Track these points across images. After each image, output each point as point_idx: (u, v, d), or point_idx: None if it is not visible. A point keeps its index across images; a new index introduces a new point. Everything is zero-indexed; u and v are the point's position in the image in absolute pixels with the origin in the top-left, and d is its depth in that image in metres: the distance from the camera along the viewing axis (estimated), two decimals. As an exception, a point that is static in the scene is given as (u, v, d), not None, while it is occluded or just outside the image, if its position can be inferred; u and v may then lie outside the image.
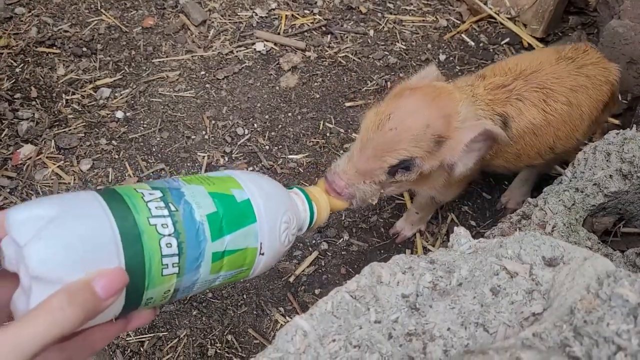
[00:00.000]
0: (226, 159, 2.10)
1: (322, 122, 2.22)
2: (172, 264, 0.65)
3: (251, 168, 2.07)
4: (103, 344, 0.67)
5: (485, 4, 2.62)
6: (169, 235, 0.64)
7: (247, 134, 2.18)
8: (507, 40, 2.53)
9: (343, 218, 1.95)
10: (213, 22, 2.57)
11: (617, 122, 2.17)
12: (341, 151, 2.12)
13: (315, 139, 2.16)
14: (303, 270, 1.81)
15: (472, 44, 2.52)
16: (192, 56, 2.43)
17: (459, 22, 2.63)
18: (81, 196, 0.63)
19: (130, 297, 0.62)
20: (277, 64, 2.42)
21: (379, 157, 1.25)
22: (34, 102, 2.25)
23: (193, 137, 2.16)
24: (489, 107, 1.40)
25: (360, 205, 1.30)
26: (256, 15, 2.61)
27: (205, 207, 0.70)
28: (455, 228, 0.89)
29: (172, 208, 0.67)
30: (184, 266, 0.66)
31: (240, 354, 1.65)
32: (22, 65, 2.37)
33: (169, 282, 0.65)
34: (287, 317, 1.72)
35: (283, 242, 0.81)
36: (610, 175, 1.25)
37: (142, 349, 1.65)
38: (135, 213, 0.63)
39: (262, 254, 0.77)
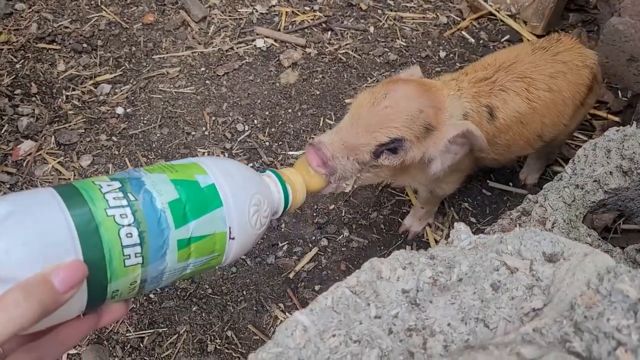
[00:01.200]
0: (226, 155, 2.10)
1: (322, 119, 2.22)
2: (134, 254, 0.64)
3: (251, 164, 2.07)
4: (75, 341, 0.66)
5: (486, 1, 2.62)
6: (129, 225, 0.63)
7: (247, 130, 2.18)
8: (507, 37, 2.52)
9: (343, 214, 1.95)
10: (213, 18, 2.57)
11: (617, 119, 2.17)
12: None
13: (315, 135, 2.16)
14: (303, 267, 1.81)
15: (473, 41, 2.52)
16: (192, 52, 2.43)
17: (459, 19, 2.62)
18: (36, 193, 0.62)
19: (93, 290, 0.61)
20: (277, 61, 2.41)
21: (370, 132, 1.24)
22: (34, 98, 2.24)
23: (193, 133, 2.16)
24: (475, 100, 1.42)
25: (335, 189, 1.28)
26: (256, 11, 2.60)
27: (166, 194, 0.69)
28: (455, 224, 0.89)
29: (131, 198, 0.66)
30: (148, 255, 0.65)
31: (240, 349, 1.65)
32: (22, 61, 2.37)
33: (134, 272, 0.64)
34: (287, 313, 1.72)
35: (254, 225, 0.80)
36: (611, 172, 1.25)
37: (141, 345, 1.65)
38: (91, 205, 0.62)
39: (233, 239, 0.76)
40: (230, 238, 0.76)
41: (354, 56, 2.44)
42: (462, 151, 1.37)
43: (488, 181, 2.04)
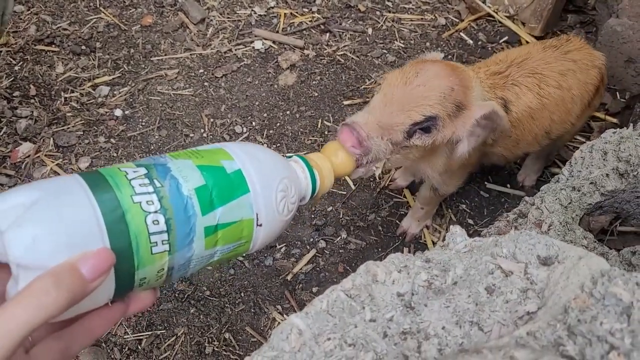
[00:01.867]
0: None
1: (320, 121, 2.22)
2: (161, 242, 0.63)
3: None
4: (103, 330, 0.66)
5: (484, 2, 2.62)
6: (155, 212, 0.62)
7: (246, 132, 2.18)
8: (505, 38, 2.53)
9: (341, 216, 1.95)
10: (212, 20, 2.57)
11: (615, 120, 2.17)
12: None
13: (313, 137, 2.16)
14: (301, 269, 1.82)
15: (471, 42, 2.52)
16: (190, 54, 2.43)
17: (457, 20, 2.63)
18: (62, 180, 0.61)
19: (120, 278, 0.60)
20: (275, 62, 2.42)
21: (405, 111, 1.24)
22: (32, 100, 2.25)
23: (191, 135, 2.17)
24: (492, 91, 1.43)
25: (365, 173, 1.26)
26: (255, 13, 2.61)
27: (193, 180, 0.68)
28: (451, 227, 0.89)
29: (158, 184, 0.65)
30: (175, 243, 0.65)
31: (237, 352, 1.65)
32: (21, 63, 2.37)
33: (161, 260, 0.64)
34: (284, 315, 1.72)
35: (282, 212, 0.79)
36: (607, 174, 1.25)
37: (139, 347, 1.65)
38: (117, 192, 0.61)
39: (260, 225, 0.75)
40: (257, 225, 0.75)
41: (352, 58, 2.44)
42: (484, 134, 1.37)
43: (486, 183, 2.04)
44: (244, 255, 1.84)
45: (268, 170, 0.78)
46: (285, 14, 2.61)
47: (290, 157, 0.93)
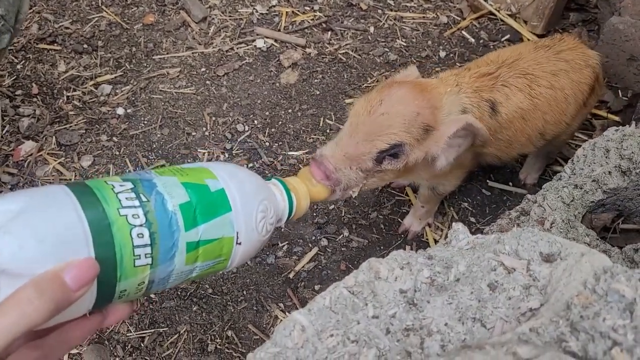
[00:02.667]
0: (226, 155, 2.10)
1: (322, 119, 2.22)
2: (144, 255, 0.64)
3: (251, 164, 2.07)
4: (80, 340, 0.66)
5: (486, 0, 2.62)
6: (140, 225, 0.63)
7: (248, 131, 2.18)
8: (507, 36, 2.52)
9: (343, 214, 1.95)
10: (214, 18, 2.58)
11: (617, 118, 2.17)
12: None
13: (315, 135, 2.17)
14: (303, 267, 1.82)
15: (473, 40, 2.52)
16: (192, 53, 2.43)
17: (459, 18, 2.63)
18: (49, 189, 0.62)
19: (102, 289, 0.61)
20: (277, 61, 2.42)
21: (370, 140, 1.26)
22: (35, 99, 2.25)
23: (193, 133, 2.17)
24: (476, 94, 1.43)
25: (340, 197, 1.29)
26: (256, 11, 2.61)
27: (177, 197, 0.69)
28: (453, 224, 0.89)
29: (144, 199, 0.66)
30: (158, 257, 0.65)
31: (240, 349, 1.65)
32: (23, 61, 2.37)
33: (143, 273, 0.65)
34: (287, 313, 1.72)
35: (260, 231, 0.81)
36: (609, 172, 1.25)
37: (142, 345, 1.66)
38: (104, 204, 0.62)
39: (239, 244, 0.77)
40: (237, 243, 0.76)
41: (354, 56, 2.44)
42: (465, 143, 1.38)
43: (488, 181, 2.04)
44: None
45: (249, 191, 0.80)
46: (287, 12, 2.61)
47: (269, 179, 0.96)
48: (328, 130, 2.18)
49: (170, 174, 0.73)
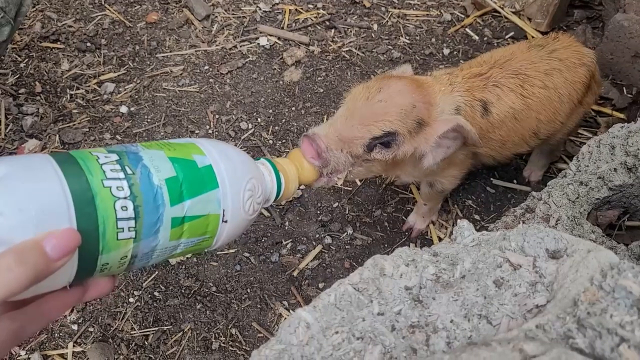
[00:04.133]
0: (230, 153, 2.10)
1: (325, 117, 2.21)
2: (128, 228, 0.63)
3: (255, 162, 2.07)
4: (58, 313, 0.65)
5: (490, -3, 2.61)
6: (125, 198, 0.62)
7: (251, 129, 2.18)
8: (511, 34, 2.52)
9: (347, 212, 1.95)
10: (217, 16, 2.57)
11: (622, 115, 2.16)
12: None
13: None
14: (307, 265, 1.82)
15: (477, 38, 2.51)
16: (195, 51, 2.43)
17: (463, 16, 2.62)
18: (33, 158, 0.61)
19: (83, 261, 0.60)
20: (280, 59, 2.41)
21: (365, 125, 1.26)
22: (38, 97, 2.25)
23: (197, 131, 2.17)
24: (468, 94, 1.43)
25: (326, 182, 1.29)
26: (260, 9, 2.60)
27: (164, 171, 0.68)
28: (458, 221, 0.89)
29: (129, 171, 0.65)
30: (142, 231, 0.64)
31: (244, 347, 1.65)
32: (26, 60, 2.38)
33: (125, 247, 0.64)
34: (290, 311, 1.72)
35: (247, 210, 0.80)
36: (615, 169, 1.24)
37: (146, 343, 1.66)
38: (88, 175, 0.61)
39: (225, 222, 0.76)
40: (223, 221, 0.75)
41: (357, 54, 2.43)
42: (454, 145, 1.38)
43: (492, 179, 2.04)
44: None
45: (238, 168, 0.79)
46: (290, 10, 2.60)
47: (258, 159, 0.95)
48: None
49: (157, 148, 0.72)
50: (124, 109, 2.23)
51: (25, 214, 0.54)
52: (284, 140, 2.14)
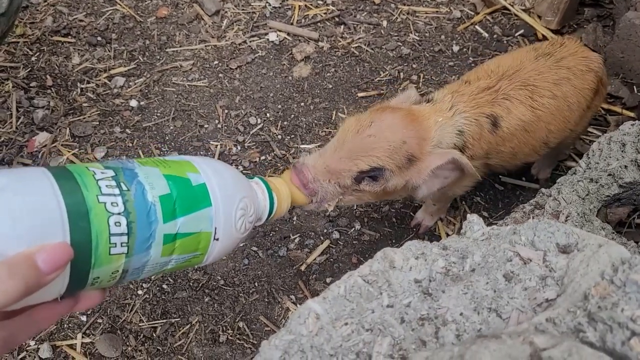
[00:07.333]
0: (239, 148, 2.11)
1: (334, 112, 2.22)
2: (120, 244, 0.63)
3: (263, 157, 2.07)
4: (48, 323, 0.66)
5: (500, -6, 2.60)
6: (119, 214, 0.63)
7: (260, 124, 2.18)
8: (521, 32, 2.51)
9: (355, 208, 1.95)
10: (227, 12, 2.58)
11: (632, 114, 2.15)
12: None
13: (327, 128, 2.16)
14: (314, 259, 1.82)
15: (486, 35, 2.51)
16: (205, 46, 2.44)
17: (472, 13, 2.61)
18: (30, 171, 0.61)
19: (75, 274, 0.60)
20: (290, 54, 2.42)
21: (352, 159, 1.26)
22: (49, 91, 2.27)
23: (206, 126, 2.17)
24: (477, 111, 1.41)
25: (317, 207, 1.30)
26: (269, 5, 2.61)
27: (158, 188, 0.69)
28: (468, 215, 0.89)
29: (124, 187, 0.65)
30: (134, 246, 0.65)
31: (251, 340, 1.66)
32: (37, 54, 2.39)
33: (117, 262, 0.64)
34: (298, 305, 1.72)
35: (239, 229, 0.81)
36: (625, 166, 1.24)
37: (154, 335, 1.67)
38: (84, 190, 0.61)
39: (217, 239, 0.77)
40: (214, 239, 0.76)
41: (366, 50, 2.43)
42: (453, 175, 1.37)
43: (500, 176, 2.03)
44: (257, 248, 1.85)
45: (231, 187, 0.80)
46: (299, 6, 2.61)
47: (252, 178, 0.96)
48: (340, 124, 2.17)
49: (152, 165, 0.73)
50: (133, 103, 2.24)
51: (18, 225, 0.55)
52: (292, 136, 2.15)
